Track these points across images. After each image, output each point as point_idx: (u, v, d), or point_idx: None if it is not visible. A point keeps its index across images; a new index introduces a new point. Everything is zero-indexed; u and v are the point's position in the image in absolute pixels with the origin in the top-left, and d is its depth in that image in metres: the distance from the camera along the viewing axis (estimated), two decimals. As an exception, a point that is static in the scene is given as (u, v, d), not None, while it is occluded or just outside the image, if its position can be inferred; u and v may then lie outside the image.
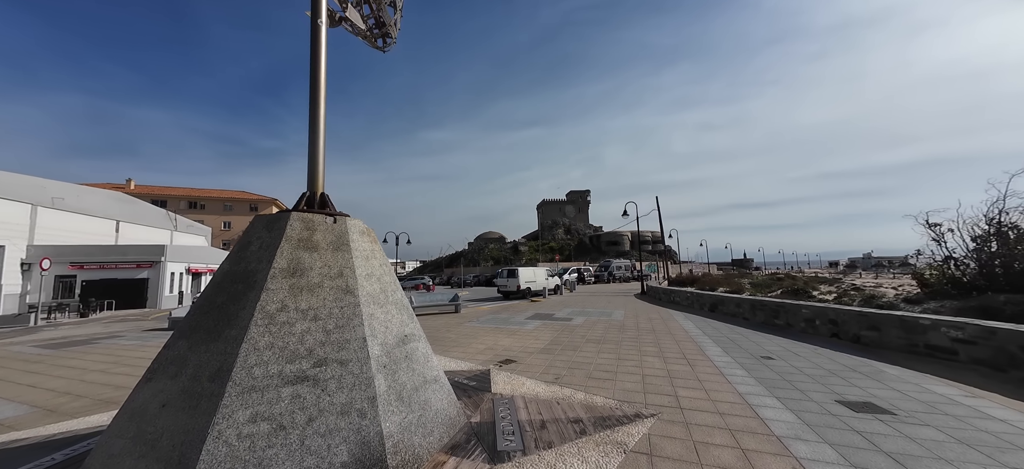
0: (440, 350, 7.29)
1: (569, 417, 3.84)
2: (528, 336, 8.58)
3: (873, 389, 4.55)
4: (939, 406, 3.97)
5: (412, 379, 3.20)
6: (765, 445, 3.22)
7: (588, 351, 6.93)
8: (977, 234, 9.65)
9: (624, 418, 3.80)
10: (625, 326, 9.93)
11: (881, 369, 5.39)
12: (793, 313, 9.09)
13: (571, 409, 4.05)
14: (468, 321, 11.41)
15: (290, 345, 2.68)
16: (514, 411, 3.98)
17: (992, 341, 4.98)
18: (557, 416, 3.87)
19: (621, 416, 3.84)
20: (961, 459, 2.89)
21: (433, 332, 9.52)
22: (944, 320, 5.72)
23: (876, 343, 6.73)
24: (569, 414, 3.92)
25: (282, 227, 3.12)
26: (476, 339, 8.34)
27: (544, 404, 4.20)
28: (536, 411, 3.99)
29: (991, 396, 4.19)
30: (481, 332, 9.30)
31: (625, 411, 3.95)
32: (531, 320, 11.31)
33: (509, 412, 3.95)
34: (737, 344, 7.33)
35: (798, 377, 5.10)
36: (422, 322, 11.37)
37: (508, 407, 4.09)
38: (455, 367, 5.85)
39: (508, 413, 3.93)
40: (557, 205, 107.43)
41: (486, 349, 7.28)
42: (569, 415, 3.89)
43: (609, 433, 3.47)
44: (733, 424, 3.62)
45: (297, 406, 2.49)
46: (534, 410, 4.02)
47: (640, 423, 3.69)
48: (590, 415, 3.88)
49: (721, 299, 12.58)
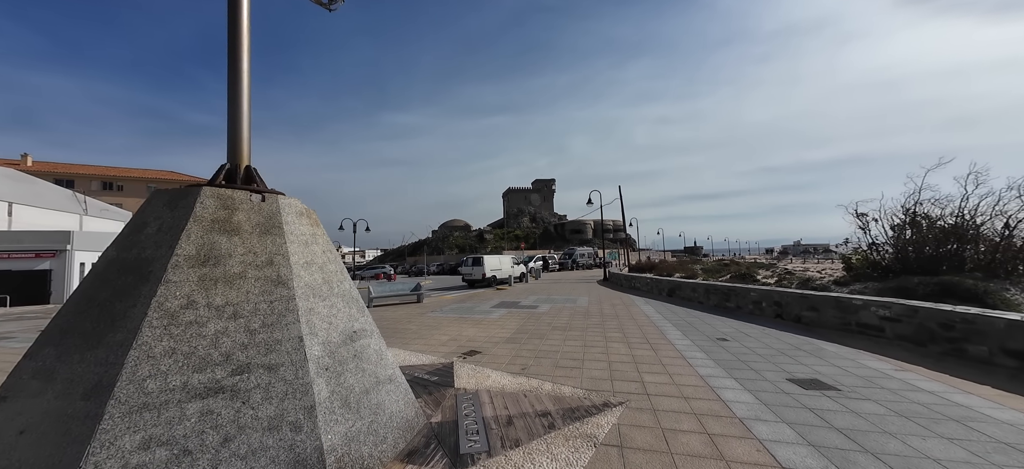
0: (400, 343, 6.84)
1: (537, 410, 3.65)
2: (493, 325, 8.34)
3: (817, 366, 4.84)
4: (875, 380, 4.27)
5: (362, 381, 2.80)
6: (729, 428, 3.24)
7: (554, 339, 6.83)
8: (895, 223, 10.84)
9: (593, 408, 3.68)
10: (590, 313, 10.03)
11: (821, 347, 5.79)
12: (742, 296, 9.66)
13: (539, 401, 3.86)
14: (431, 311, 10.95)
15: (199, 350, 2.18)
16: (479, 407, 3.71)
17: (914, 319, 5.50)
18: (524, 410, 3.66)
19: (590, 406, 3.72)
20: (903, 432, 3.06)
21: (393, 324, 8.99)
22: (874, 301, 6.26)
23: (815, 323, 7.28)
24: (537, 407, 3.73)
25: (190, 205, 2.53)
26: (439, 330, 7.96)
27: (511, 397, 3.98)
28: (502, 406, 3.76)
29: (916, 369, 4.60)
30: (445, 322, 8.92)
31: (594, 401, 3.84)
32: (497, 308, 11.10)
33: (473, 409, 3.68)
34: (694, 327, 7.61)
35: (752, 357, 5.32)
36: (382, 313, 10.73)
37: (472, 403, 3.82)
38: (415, 361, 5.47)
39: (472, 410, 3.66)
40: (523, 193, 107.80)
41: (449, 340, 6.94)
42: (537, 408, 3.70)
43: (578, 425, 3.32)
44: (698, 408, 3.63)
45: (208, 425, 2.03)
46: (500, 405, 3.78)
47: (609, 413, 3.58)
48: (558, 407, 3.71)
49: (678, 284, 13.16)
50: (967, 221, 9.33)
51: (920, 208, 10.03)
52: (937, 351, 5.14)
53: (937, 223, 9.85)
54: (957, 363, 4.72)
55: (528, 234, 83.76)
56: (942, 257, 9.54)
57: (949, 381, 4.15)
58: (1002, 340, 4.41)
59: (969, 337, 4.78)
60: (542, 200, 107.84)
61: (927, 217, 10.01)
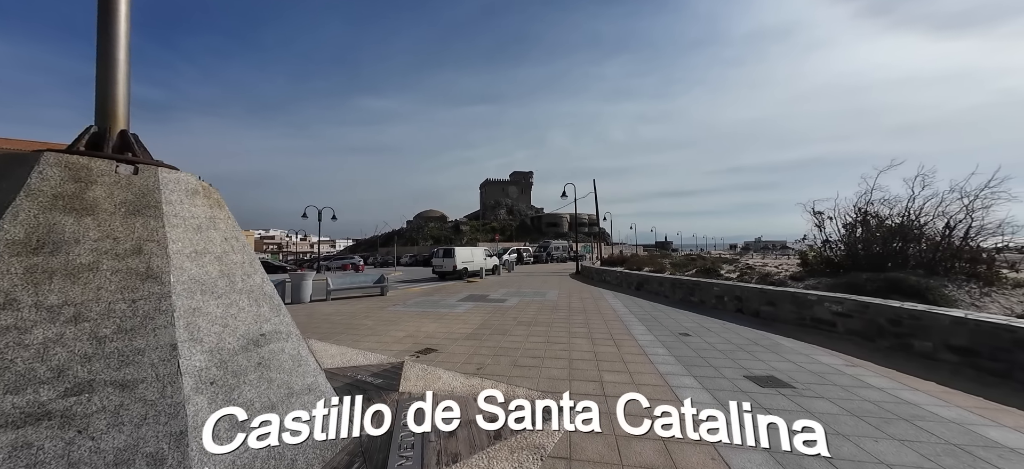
0: (350, 340, 6.31)
1: (486, 415, 3.32)
2: (457, 320, 7.95)
3: (774, 362, 4.81)
4: (828, 377, 4.26)
5: (266, 394, 2.35)
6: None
7: (518, 334, 6.54)
8: (847, 221, 11.34)
9: (544, 412, 3.39)
10: (558, 307, 9.84)
11: (778, 342, 5.83)
12: (706, 291, 9.78)
13: (488, 407, 3.53)
14: (393, 305, 10.40)
15: (17, 364, 1.66)
16: (420, 416, 3.33)
17: (865, 315, 5.62)
18: (471, 418, 3.32)
19: (541, 411, 3.42)
20: (855, 433, 2.98)
21: (349, 318, 8.40)
22: (827, 296, 6.39)
23: (773, 317, 7.41)
24: (485, 412, 3.39)
25: (22, 176, 1.96)
26: (397, 325, 7.48)
27: (459, 403, 3.62)
28: (448, 413, 3.40)
29: (866, 364, 4.66)
30: (405, 317, 8.43)
31: (546, 405, 3.55)
32: (463, 302, 10.70)
33: (414, 418, 3.29)
34: (659, 322, 7.56)
35: (712, 353, 5.25)
36: (339, 307, 10.06)
37: (414, 411, 3.43)
38: (362, 361, 5.00)
39: (412, 419, 3.27)
40: (500, 185, 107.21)
41: (406, 337, 6.49)
42: (484, 414, 3.37)
43: (526, 435, 3.02)
44: (656, 411, 3.43)
45: (21, 464, 1.53)
46: (445, 412, 3.42)
47: (563, 420, 3.31)
48: (508, 415, 3.40)
49: (646, 278, 13.27)
50: (912, 221, 9.85)
51: (871, 208, 10.50)
52: (885, 346, 5.27)
53: (885, 222, 10.36)
54: (903, 358, 4.83)
55: (505, 226, 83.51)
56: (888, 255, 10.05)
57: (897, 377, 4.20)
58: (946, 336, 4.52)
59: (915, 333, 4.89)
60: (520, 192, 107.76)
61: (876, 216, 10.51)
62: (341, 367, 4.68)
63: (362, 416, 3.18)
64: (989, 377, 4.06)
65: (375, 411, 3.37)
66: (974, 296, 8.34)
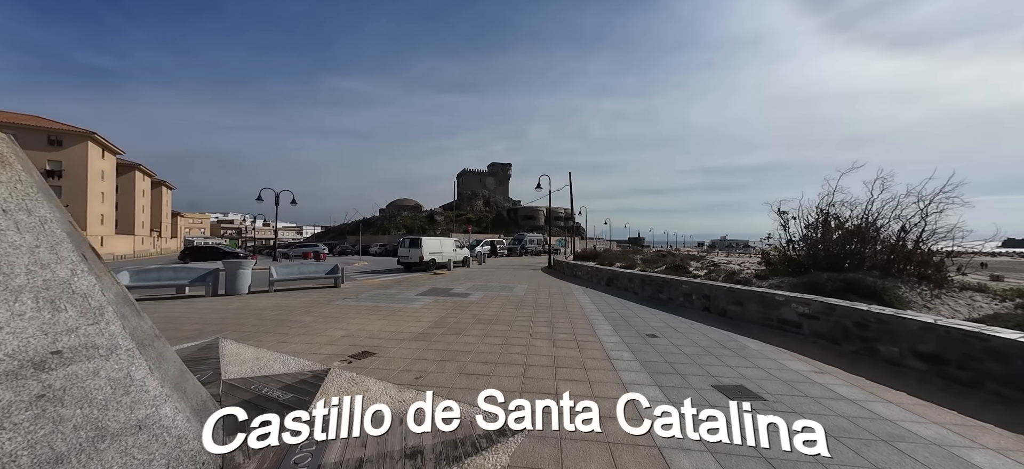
0: (274, 341, 5.45)
1: (405, 448, 2.68)
2: (409, 317, 7.22)
3: (742, 369, 4.48)
4: (798, 386, 3.95)
5: (52, 442, 1.59)
6: (645, 462, 2.55)
7: (473, 335, 5.92)
8: (808, 221, 11.52)
9: (482, 439, 2.80)
10: (523, 302, 9.31)
11: (745, 344, 5.56)
12: (674, 288, 9.57)
13: (414, 432, 2.89)
14: (344, 298, 9.48)
15: None
16: (321, 448, 2.64)
17: (831, 317, 5.43)
18: (387, 449, 2.67)
19: (479, 437, 2.83)
20: (838, 460, 2.59)
21: (285, 313, 7.45)
22: (794, 297, 6.20)
23: (740, 317, 7.22)
24: (408, 442, 2.76)
25: None
26: (338, 323, 6.65)
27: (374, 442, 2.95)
28: (358, 443, 2.73)
29: (834, 371, 4.40)
30: (351, 313, 7.59)
31: (486, 429, 2.96)
32: (423, 296, 9.94)
33: (311, 451, 2.60)
34: (626, 321, 7.19)
35: (679, 358, 4.87)
36: (282, 300, 9.01)
37: (315, 441, 2.73)
38: (277, 369, 4.20)
39: (311, 453, 2.58)
40: (477, 176, 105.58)
41: (345, 337, 5.71)
42: (407, 444, 2.73)
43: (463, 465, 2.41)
44: (615, 435, 2.92)
45: None
46: (356, 441, 2.75)
47: (502, 447, 2.73)
48: (437, 441, 2.77)
49: (616, 274, 13.02)
50: (870, 223, 10.06)
51: (833, 209, 10.67)
52: (851, 350, 5.09)
53: (845, 224, 10.56)
54: (870, 364, 4.64)
55: (481, 218, 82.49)
56: (846, 255, 10.25)
57: (867, 387, 3.95)
58: (913, 342, 4.34)
59: (881, 337, 4.71)
60: (497, 184, 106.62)
61: (837, 217, 10.70)
62: (247, 378, 3.88)
63: (222, 460, 2.43)
64: (958, 386, 3.88)
65: (244, 446, 2.60)
66: (926, 298, 8.57)
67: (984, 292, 8.75)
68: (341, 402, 3.34)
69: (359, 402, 3.33)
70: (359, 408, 3.15)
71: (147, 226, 64.29)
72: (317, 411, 3.21)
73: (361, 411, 2.69)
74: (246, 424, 2.57)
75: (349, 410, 2.97)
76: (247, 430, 2.47)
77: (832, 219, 10.78)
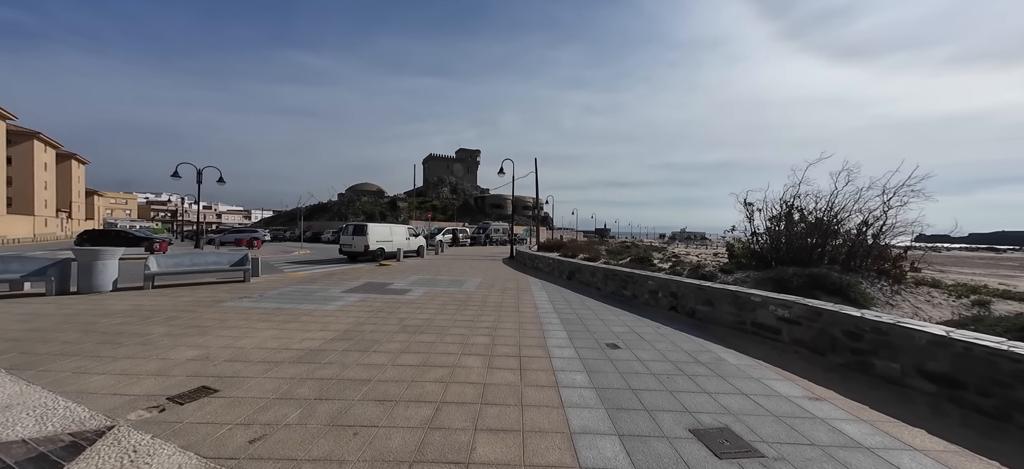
0: (75, 369, 3.72)
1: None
2: (314, 324, 5.67)
3: (724, 397, 3.50)
4: (796, 425, 2.99)
5: None
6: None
7: (387, 351, 4.53)
8: (772, 214, 11.14)
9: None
10: (470, 301, 8.01)
11: (721, 357, 4.65)
12: (640, 284, 8.71)
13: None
14: (242, 298, 7.66)
15: None
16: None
17: (816, 323, 4.64)
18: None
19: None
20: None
21: (138, 321, 5.58)
22: (772, 298, 5.40)
23: (710, 318, 6.41)
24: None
25: None
26: (201, 337, 4.97)
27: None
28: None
29: (831, 397, 3.53)
30: (235, 319, 5.88)
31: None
32: (350, 293, 8.33)
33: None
34: (585, 325, 6.12)
35: (645, 381, 3.82)
36: (153, 301, 7.00)
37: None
38: (26, 430, 2.59)
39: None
40: (445, 162, 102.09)
41: (193, 360, 4.07)
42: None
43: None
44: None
45: None
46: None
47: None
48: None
49: (578, 267, 12.09)
50: (831, 217, 9.76)
51: (797, 201, 10.29)
52: (839, 363, 4.30)
53: (808, 216, 10.23)
54: (866, 384, 3.84)
55: (447, 205, 79.87)
56: (807, 249, 9.92)
57: (877, 421, 3.08)
58: (920, 359, 3.55)
59: (878, 350, 3.93)
60: (465, 171, 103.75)
61: (801, 211, 10.36)
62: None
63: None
64: (978, 417, 3.11)
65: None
66: (887, 294, 8.30)
67: (939, 287, 8.68)
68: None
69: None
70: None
71: (51, 206, 55.51)
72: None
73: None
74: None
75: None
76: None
77: (796, 211, 10.44)
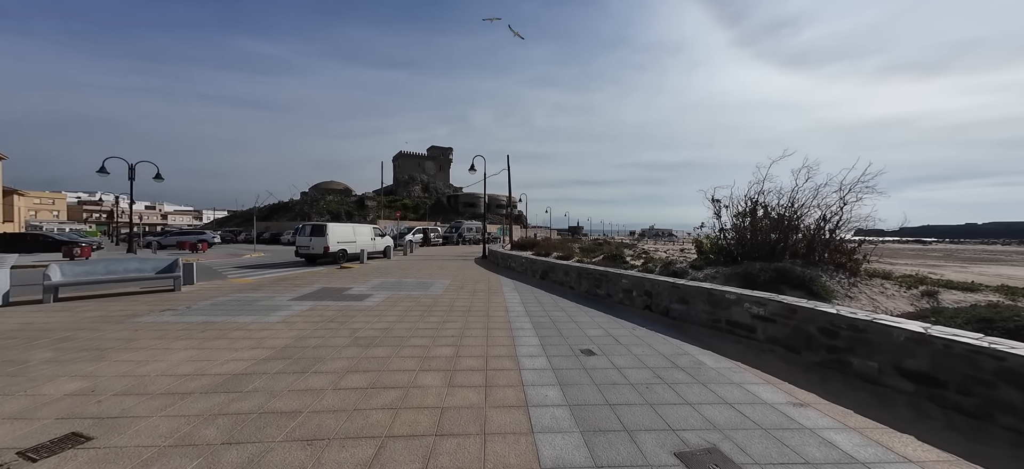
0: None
1: None
2: (247, 340, 4.89)
3: (706, 408, 3.21)
4: (786, 440, 2.74)
5: None
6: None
7: (330, 371, 3.90)
8: (738, 211, 11.38)
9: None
10: (436, 306, 7.43)
11: (699, 360, 4.42)
12: (614, 283, 8.49)
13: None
14: (164, 311, 6.64)
15: None
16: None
17: (791, 320, 4.52)
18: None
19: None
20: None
21: (23, 342, 4.56)
22: (747, 296, 5.27)
23: (685, 317, 6.24)
24: None
25: None
26: (95, 362, 4.09)
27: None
28: None
29: (816, 401, 3.34)
30: (146, 338, 4.97)
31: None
32: (299, 301, 7.48)
33: None
34: (558, 329, 5.75)
35: (623, 392, 3.47)
36: (54, 316, 5.84)
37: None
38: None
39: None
40: (416, 159, 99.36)
41: (72, 395, 3.26)
42: None
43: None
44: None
45: None
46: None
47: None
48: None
49: (552, 266, 11.78)
50: (793, 212, 10.06)
51: (761, 198, 10.53)
52: (815, 361, 4.18)
53: (771, 213, 10.50)
54: (843, 384, 3.71)
55: (419, 204, 77.79)
56: (770, 244, 10.17)
57: (865, 428, 2.89)
58: (898, 357, 3.44)
59: (854, 347, 3.81)
60: (438, 169, 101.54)
61: (765, 207, 10.62)
62: None
63: None
64: (960, 418, 3.00)
65: None
66: (845, 286, 8.59)
67: (890, 279, 9.13)
68: None
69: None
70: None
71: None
72: None
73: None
74: None
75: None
76: None
77: (760, 207, 10.70)
